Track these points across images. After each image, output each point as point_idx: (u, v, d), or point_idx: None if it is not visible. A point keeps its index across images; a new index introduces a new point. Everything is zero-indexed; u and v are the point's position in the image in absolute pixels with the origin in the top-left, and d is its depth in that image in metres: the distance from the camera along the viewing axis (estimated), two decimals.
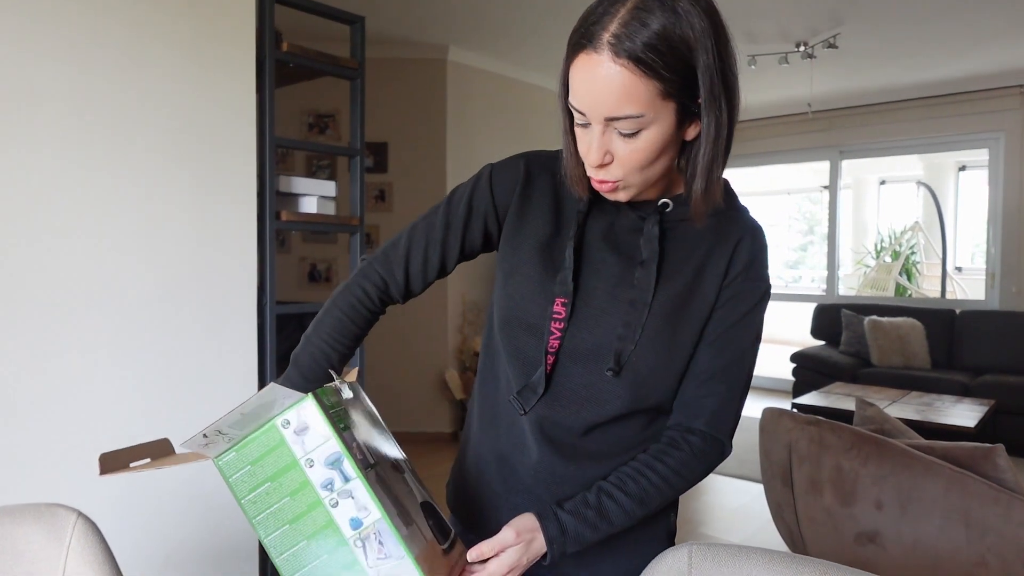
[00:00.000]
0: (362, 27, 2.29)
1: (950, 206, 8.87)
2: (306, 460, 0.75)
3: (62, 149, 1.61)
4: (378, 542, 0.74)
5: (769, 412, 2.36)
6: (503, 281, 0.95)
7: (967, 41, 4.60)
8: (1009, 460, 1.91)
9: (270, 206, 2.05)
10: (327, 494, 0.75)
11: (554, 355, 0.89)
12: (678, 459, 0.88)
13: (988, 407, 3.94)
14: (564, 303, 0.88)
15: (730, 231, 0.90)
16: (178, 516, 1.84)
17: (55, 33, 1.59)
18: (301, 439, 0.76)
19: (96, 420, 1.68)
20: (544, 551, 0.83)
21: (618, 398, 0.88)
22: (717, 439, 0.90)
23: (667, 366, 0.88)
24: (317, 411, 0.75)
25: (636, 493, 0.86)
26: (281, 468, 0.76)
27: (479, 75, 5.09)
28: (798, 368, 5.79)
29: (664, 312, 0.87)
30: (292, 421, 0.76)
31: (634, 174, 0.82)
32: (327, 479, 0.75)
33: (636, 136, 0.78)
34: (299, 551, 0.76)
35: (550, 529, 0.83)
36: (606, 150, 0.80)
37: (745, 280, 0.90)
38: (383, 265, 0.99)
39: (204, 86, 1.85)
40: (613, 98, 0.75)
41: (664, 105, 0.77)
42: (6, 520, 1.04)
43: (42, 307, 1.59)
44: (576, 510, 0.84)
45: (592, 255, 0.91)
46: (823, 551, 2.11)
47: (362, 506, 0.74)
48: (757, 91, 6.00)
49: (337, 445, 0.75)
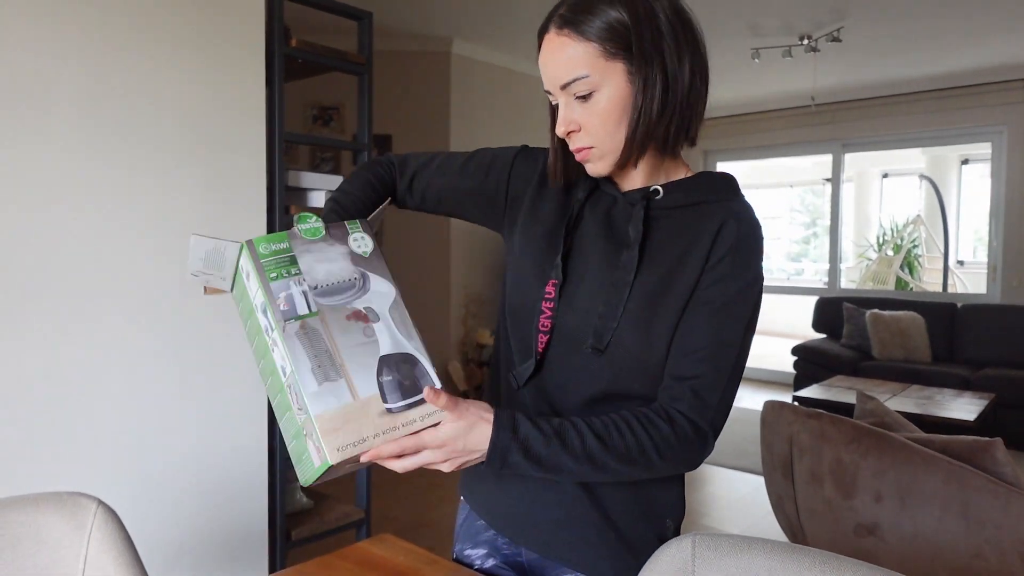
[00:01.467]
0: (370, 23, 2.31)
1: (952, 200, 8.87)
2: (254, 305, 0.80)
3: (73, 144, 1.64)
4: (296, 393, 0.75)
5: (770, 405, 2.38)
6: (509, 268, 1.01)
7: (970, 35, 4.60)
8: (1007, 454, 1.93)
9: (279, 201, 2.07)
10: (267, 339, 0.78)
11: (547, 334, 0.93)
12: (664, 433, 0.84)
13: (988, 401, 3.97)
14: (555, 284, 0.93)
15: (715, 217, 0.90)
16: (191, 503, 1.87)
17: (66, 31, 1.61)
18: (250, 284, 0.80)
19: (111, 411, 1.71)
20: (485, 446, 0.79)
21: (600, 378, 0.90)
22: (702, 429, 0.86)
23: (648, 348, 0.88)
24: (248, 259, 0.80)
25: (603, 435, 0.83)
26: (248, 311, 0.82)
27: (483, 68, 5.10)
28: (800, 361, 5.81)
29: (645, 294, 0.88)
30: (243, 268, 0.81)
31: (602, 139, 0.87)
32: (265, 324, 0.79)
33: (591, 98, 0.85)
34: (269, 384, 0.80)
35: (502, 418, 0.80)
36: (571, 119, 0.87)
37: (731, 266, 0.88)
38: (401, 161, 1.08)
39: (214, 82, 1.87)
40: (560, 65, 0.85)
41: (610, 66, 0.84)
42: (30, 508, 1.07)
43: (57, 302, 1.62)
44: (536, 421, 0.82)
45: (587, 241, 0.94)
46: (823, 543, 2.14)
47: (282, 355, 0.76)
48: (761, 84, 6.00)
49: (261, 293, 0.78)
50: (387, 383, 0.77)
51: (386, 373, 0.78)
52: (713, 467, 4.17)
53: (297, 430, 0.76)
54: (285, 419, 0.78)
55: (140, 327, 1.76)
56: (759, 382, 6.99)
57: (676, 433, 0.85)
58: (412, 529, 3.13)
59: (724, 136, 7.14)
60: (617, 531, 0.95)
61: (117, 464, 1.73)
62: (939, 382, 4.81)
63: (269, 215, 2.05)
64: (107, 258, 1.70)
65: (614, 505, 0.95)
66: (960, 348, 5.32)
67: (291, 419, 0.77)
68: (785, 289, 9.33)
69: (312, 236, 0.84)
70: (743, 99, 6.58)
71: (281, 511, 2.11)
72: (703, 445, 0.87)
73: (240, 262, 0.81)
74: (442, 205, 1.07)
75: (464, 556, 1.07)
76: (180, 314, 1.83)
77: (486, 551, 1.04)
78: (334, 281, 0.81)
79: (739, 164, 7.39)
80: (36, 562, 1.04)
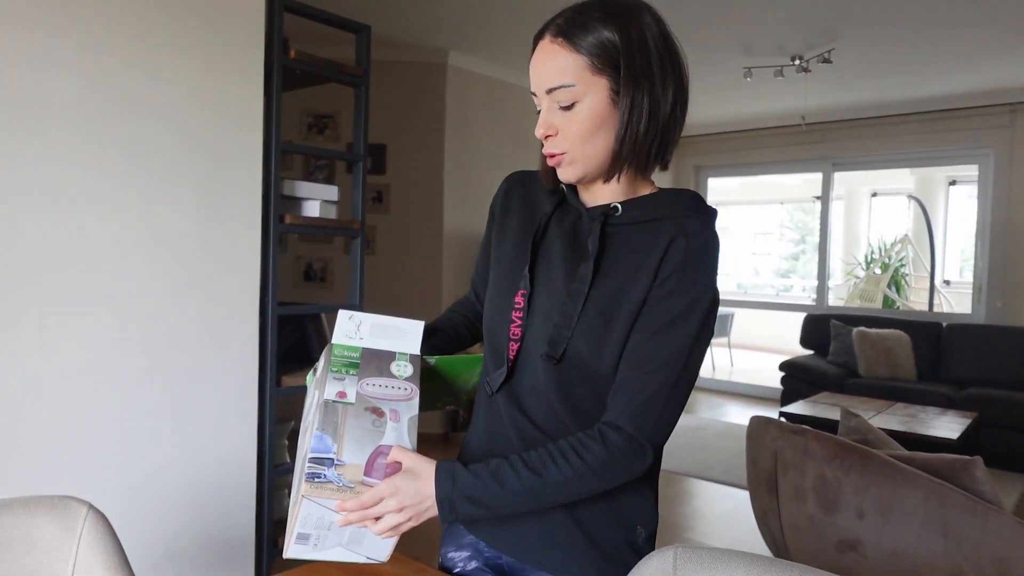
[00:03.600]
0: (367, 35, 2.33)
1: (940, 220, 8.97)
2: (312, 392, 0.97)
3: (72, 152, 1.65)
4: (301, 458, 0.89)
5: (756, 420, 2.41)
6: (488, 282, 1.07)
7: (958, 59, 4.68)
8: (987, 472, 1.96)
9: (274, 210, 2.09)
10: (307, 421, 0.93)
11: (517, 343, 0.97)
12: (594, 455, 0.87)
13: (971, 420, 4.01)
14: (523, 294, 0.97)
15: (666, 233, 0.92)
16: (179, 509, 1.88)
17: (67, 40, 1.63)
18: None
19: (103, 416, 1.72)
20: (432, 495, 0.85)
21: (561, 385, 0.94)
22: (637, 441, 0.89)
23: (600, 359, 0.91)
24: (323, 357, 0.96)
25: (538, 468, 0.87)
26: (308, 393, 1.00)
27: (479, 80, 5.14)
28: (786, 377, 5.85)
29: (599, 306, 0.91)
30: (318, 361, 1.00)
31: (576, 146, 0.91)
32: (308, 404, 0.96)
33: (573, 108, 0.89)
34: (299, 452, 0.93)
35: (441, 472, 0.86)
36: (550, 123, 0.92)
37: (678, 282, 0.89)
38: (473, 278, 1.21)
39: (213, 91, 1.89)
40: (549, 70, 0.89)
41: (595, 80, 0.88)
42: (20, 511, 1.07)
43: (50, 306, 1.63)
44: (473, 467, 0.87)
45: (552, 253, 0.98)
46: (806, 558, 2.16)
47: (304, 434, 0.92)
48: (752, 102, 6.07)
49: (309, 381, 0.99)
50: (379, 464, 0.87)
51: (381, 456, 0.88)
52: (699, 481, 4.19)
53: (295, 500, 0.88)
54: None
55: (131, 334, 1.77)
56: (746, 397, 7.03)
57: (610, 452, 0.88)
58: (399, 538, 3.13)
59: (715, 153, 7.20)
60: (589, 537, 0.98)
61: (107, 469, 1.74)
62: (923, 400, 4.85)
63: (264, 224, 2.07)
64: (100, 265, 1.71)
65: (586, 512, 0.97)
66: (945, 367, 5.37)
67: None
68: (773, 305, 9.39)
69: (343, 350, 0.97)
70: (735, 117, 6.66)
71: (269, 518, 2.12)
72: (641, 457, 0.90)
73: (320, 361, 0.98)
74: None
75: (448, 559, 1.09)
76: (171, 321, 1.84)
77: (469, 553, 1.07)
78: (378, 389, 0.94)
79: (730, 180, 7.46)
80: (26, 564, 1.05)
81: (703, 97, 5.95)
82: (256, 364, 2.04)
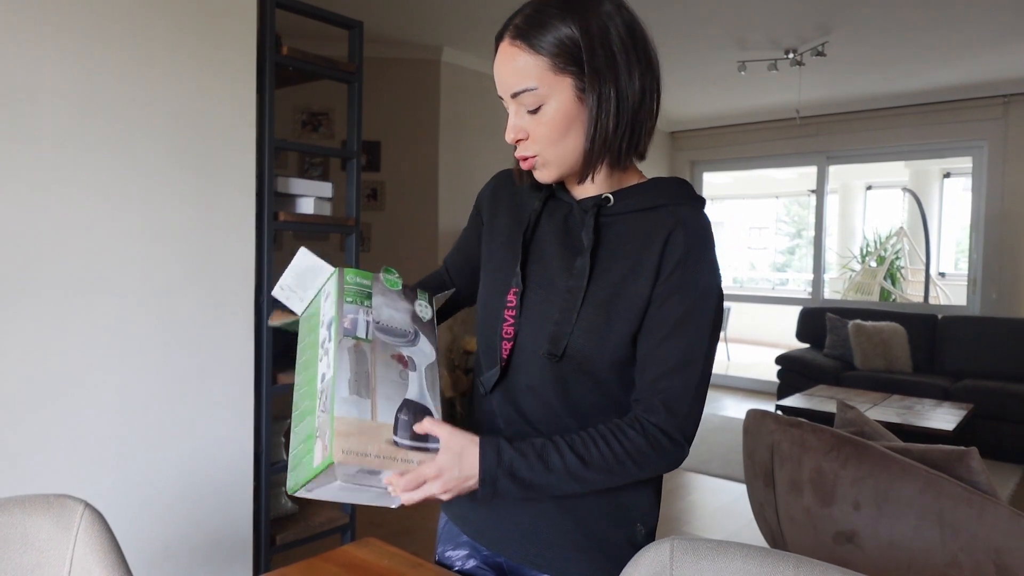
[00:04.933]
0: (360, 32, 2.33)
1: (935, 212, 8.99)
2: (322, 320, 0.92)
3: (65, 149, 1.64)
4: (326, 396, 0.84)
5: (753, 414, 2.42)
6: (480, 278, 1.06)
7: (951, 52, 4.68)
8: (983, 463, 1.97)
9: (268, 207, 2.08)
10: (321, 350, 0.90)
11: (511, 341, 0.96)
12: (637, 444, 0.87)
13: (967, 411, 4.03)
14: (516, 293, 0.96)
15: (663, 225, 0.91)
16: (176, 507, 1.88)
17: (60, 37, 1.62)
18: (325, 303, 0.93)
19: (99, 414, 1.72)
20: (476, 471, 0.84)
21: (560, 383, 0.93)
22: (675, 439, 0.89)
23: (602, 353, 0.90)
24: (334, 282, 0.92)
25: (583, 454, 0.86)
26: (313, 324, 0.94)
27: (472, 76, 5.13)
28: (783, 370, 5.86)
29: (598, 301, 0.90)
30: (326, 288, 0.94)
31: (547, 148, 0.89)
32: (324, 337, 0.90)
33: (539, 111, 0.88)
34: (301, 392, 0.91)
35: (487, 447, 0.84)
36: (519, 127, 0.90)
37: (684, 273, 0.89)
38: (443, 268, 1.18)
39: (206, 89, 1.88)
40: (511, 75, 0.88)
41: (558, 80, 0.86)
42: (16, 510, 1.07)
43: (44, 303, 1.63)
44: (519, 447, 0.86)
45: (544, 249, 0.97)
46: (803, 550, 2.17)
47: (328, 364, 0.86)
48: (747, 96, 6.07)
49: (333, 310, 0.90)
50: (402, 420, 0.85)
51: (404, 412, 0.86)
52: (696, 475, 4.20)
53: (310, 432, 0.85)
54: (303, 424, 0.88)
55: (126, 332, 1.77)
56: (743, 391, 7.04)
57: (650, 443, 0.88)
58: (396, 535, 3.14)
59: (710, 147, 7.21)
60: (588, 536, 0.97)
61: (104, 467, 1.73)
62: (919, 392, 4.87)
63: (258, 221, 2.06)
64: (94, 263, 1.70)
65: (585, 510, 0.96)
66: (940, 359, 5.39)
67: (309, 423, 0.86)
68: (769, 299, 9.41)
69: (390, 287, 0.95)
70: (729, 111, 6.66)
71: (266, 516, 2.12)
72: (678, 452, 0.90)
73: (326, 284, 0.95)
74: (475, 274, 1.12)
75: (446, 557, 1.09)
76: (166, 319, 1.84)
77: (467, 552, 1.07)
78: (394, 326, 0.93)
79: (725, 175, 7.47)
80: (22, 563, 1.05)
81: (697, 91, 5.94)
82: (252, 362, 2.04)
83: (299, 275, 0.96)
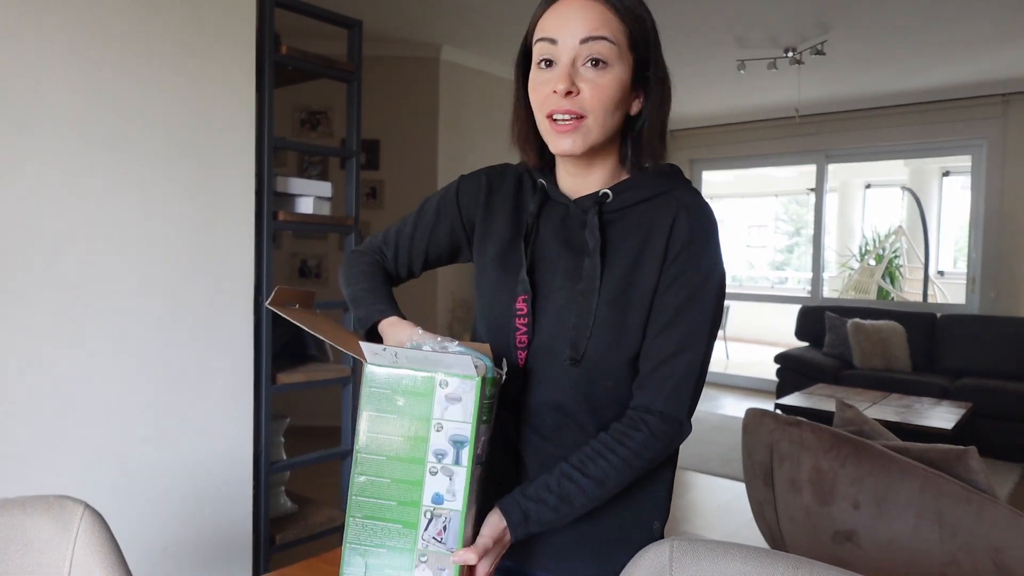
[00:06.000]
0: (359, 31, 2.33)
1: (934, 211, 8.99)
2: (437, 423, 0.81)
3: (63, 150, 1.64)
4: (443, 526, 0.81)
5: (752, 413, 2.41)
6: (476, 285, 1.03)
7: (950, 50, 4.68)
8: (981, 462, 1.97)
9: (267, 207, 2.08)
10: (434, 461, 0.81)
11: (524, 350, 0.94)
12: (638, 441, 0.89)
13: (965, 410, 4.03)
14: (525, 299, 0.94)
15: (667, 211, 0.91)
16: (176, 507, 1.88)
17: (57, 38, 1.62)
18: (446, 405, 0.81)
19: (98, 414, 1.72)
20: (508, 538, 0.87)
21: (577, 385, 0.92)
22: (675, 418, 0.90)
23: (618, 351, 0.91)
24: (475, 394, 0.80)
25: (596, 475, 0.88)
26: (413, 413, 0.81)
27: (471, 74, 5.13)
28: (782, 369, 5.86)
29: (611, 298, 0.90)
30: (451, 385, 0.80)
31: (598, 112, 0.86)
32: (442, 450, 0.81)
33: (605, 69, 0.85)
34: (378, 483, 0.82)
35: (514, 516, 0.86)
36: (575, 79, 0.85)
37: (688, 257, 0.89)
38: (377, 248, 1.10)
39: (205, 89, 1.88)
40: (591, 20, 0.85)
41: (628, 53, 0.87)
42: (16, 511, 1.07)
43: (44, 304, 1.62)
44: (538, 495, 0.87)
45: (547, 252, 0.96)
46: (802, 549, 2.17)
47: (452, 491, 0.81)
48: (746, 95, 6.07)
49: (470, 433, 0.80)
50: None
51: None
52: (695, 474, 4.20)
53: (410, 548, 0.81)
54: (392, 530, 0.82)
55: (126, 333, 1.77)
56: (742, 389, 7.05)
57: (652, 433, 0.90)
58: None
59: (710, 145, 7.20)
60: (608, 539, 0.96)
61: (103, 468, 1.73)
62: (918, 391, 4.87)
63: (257, 221, 2.06)
64: (93, 264, 1.70)
65: (603, 516, 0.96)
66: (939, 358, 5.39)
67: (405, 536, 0.82)
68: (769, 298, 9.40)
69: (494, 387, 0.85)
70: (728, 109, 6.65)
71: (265, 515, 2.12)
72: (678, 431, 0.92)
73: (452, 380, 0.81)
74: (428, 263, 1.09)
75: None
76: (166, 319, 1.84)
77: None
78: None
79: (724, 173, 7.47)
80: (23, 564, 1.05)
81: (697, 90, 5.94)
82: (251, 361, 2.03)
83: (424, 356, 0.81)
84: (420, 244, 1.07)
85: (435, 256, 1.08)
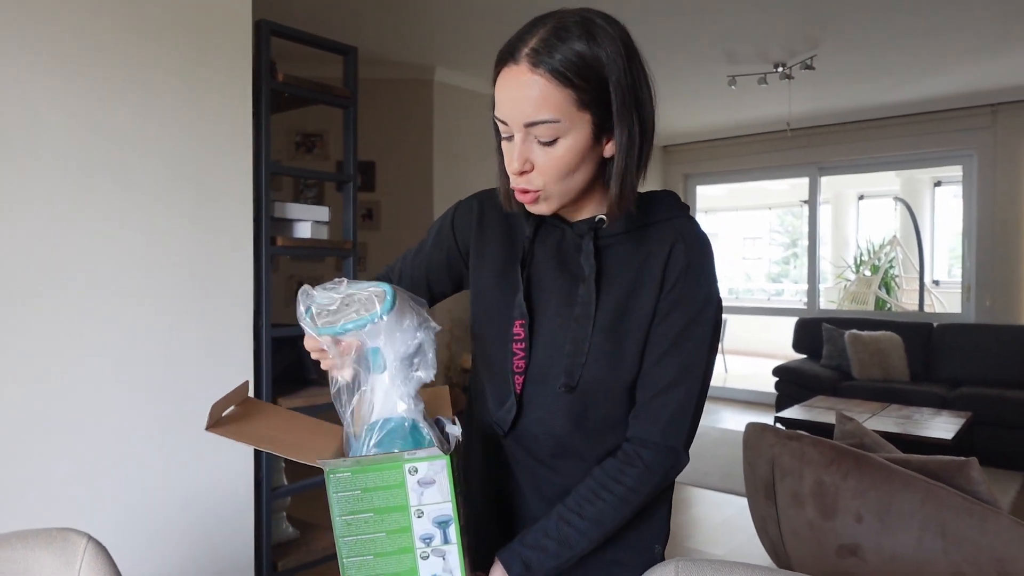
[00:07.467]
0: (355, 57, 2.35)
1: (927, 221, 9.05)
2: (416, 510, 0.78)
3: (63, 179, 1.65)
4: None
5: (752, 427, 2.42)
6: (472, 310, 1.02)
7: (939, 62, 4.73)
8: (983, 472, 1.98)
9: (266, 232, 2.09)
10: (422, 546, 0.79)
11: (522, 375, 0.94)
12: (633, 476, 0.88)
13: (965, 419, 4.03)
14: (522, 324, 0.93)
15: (664, 239, 0.90)
16: (178, 535, 1.87)
17: (56, 67, 1.63)
18: (421, 490, 0.77)
19: (99, 444, 1.71)
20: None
21: (572, 412, 0.92)
22: (672, 449, 0.90)
23: (614, 378, 0.90)
24: (447, 473, 0.77)
25: (594, 516, 0.88)
26: (390, 506, 0.78)
27: (465, 95, 5.17)
28: (780, 382, 5.87)
29: (606, 325, 0.89)
30: (420, 471, 0.77)
31: (554, 183, 0.84)
32: (428, 534, 0.78)
33: (554, 144, 0.82)
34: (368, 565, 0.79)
35: (515, 568, 0.86)
36: (526, 158, 0.83)
37: (685, 286, 0.88)
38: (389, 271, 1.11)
39: (203, 117, 1.90)
40: (531, 104, 0.80)
41: (579, 115, 0.81)
42: (19, 545, 1.07)
43: (43, 332, 1.63)
44: (537, 543, 0.87)
45: (543, 277, 0.95)
46: (806, 564, 2.16)
47: (448, 569, 0.79)
48: (738, 110, 6.12)
49: (451, 510, 0.78)
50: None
51: None
52: (698, 489, 4.19)
53: None
54: None
55: (127, 360, 1.77)
56: (741, 403, 7.04)
57: (647, 468, 0.89)
58: None
59: (703, 160, 7.25)
60: (608, 562, 0.96)
61: (104, 498, 1.73)
62: (917, 401, 4.88)
63: (256, 246, 2.07)
64: (93, 292, 1.71)
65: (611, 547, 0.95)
66: (937, 367, 5.40)
67: None
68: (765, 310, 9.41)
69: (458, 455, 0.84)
70: (720, 124, 6.71)
71: (267, 541, 2.11)
72: (675, 463, 0.91)
73: (421, 465, 0.77)
74: (432, 291, 1.08)
75: None
76: (166, 346, 1.84)
77: None
78: None
79: (718, 187, 7.50)
80: None
81: (689, 106, 5.99)
82: (251, 386, 2.03)
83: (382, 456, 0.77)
84: (420, 271, 1.07)
85: (437, 281, 1.07)
